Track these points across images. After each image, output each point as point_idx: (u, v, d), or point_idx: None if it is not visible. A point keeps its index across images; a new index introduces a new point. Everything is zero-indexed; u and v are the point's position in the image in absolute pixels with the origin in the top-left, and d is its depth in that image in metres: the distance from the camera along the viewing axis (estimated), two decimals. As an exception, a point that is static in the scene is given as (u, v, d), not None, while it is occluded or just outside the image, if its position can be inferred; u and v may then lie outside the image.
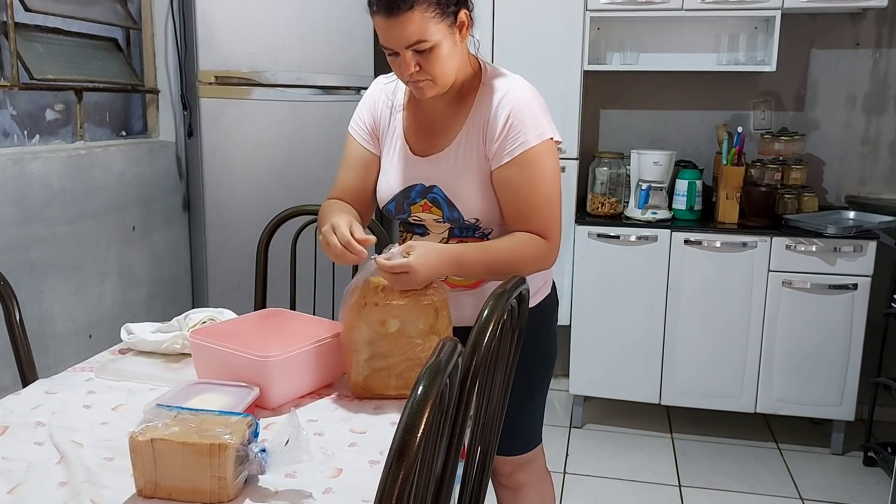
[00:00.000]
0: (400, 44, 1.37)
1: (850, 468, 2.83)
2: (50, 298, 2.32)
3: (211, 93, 2.82)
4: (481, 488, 1.30)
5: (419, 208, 1.54)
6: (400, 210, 1.57)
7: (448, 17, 1.38)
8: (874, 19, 3.07)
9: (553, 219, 1.48)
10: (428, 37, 1.36)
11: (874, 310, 2.80)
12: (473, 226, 1.52)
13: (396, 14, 1.33)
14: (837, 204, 3.18)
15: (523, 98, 1.47)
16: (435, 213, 1.53)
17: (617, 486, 2.69)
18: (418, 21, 1.34)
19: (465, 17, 1.42)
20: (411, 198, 1.54)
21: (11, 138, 2.36)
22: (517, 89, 1.48)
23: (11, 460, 1.12)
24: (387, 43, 1.39)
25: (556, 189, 1.49)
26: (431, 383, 0.80)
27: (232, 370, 1.32)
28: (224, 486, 1.01)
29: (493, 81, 1.50)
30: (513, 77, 1.52)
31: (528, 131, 1.44)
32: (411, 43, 1.36)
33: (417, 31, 1.35)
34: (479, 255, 1.46)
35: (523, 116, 1.45)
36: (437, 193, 1.51)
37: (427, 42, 1.36)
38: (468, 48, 1.50)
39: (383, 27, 1.37)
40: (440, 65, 1.40)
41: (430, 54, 1.38)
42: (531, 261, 1.48)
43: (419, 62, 1.39)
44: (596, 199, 3.06)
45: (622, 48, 3.13)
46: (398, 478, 0.72)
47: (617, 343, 2.99)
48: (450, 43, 1.40)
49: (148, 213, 2.82)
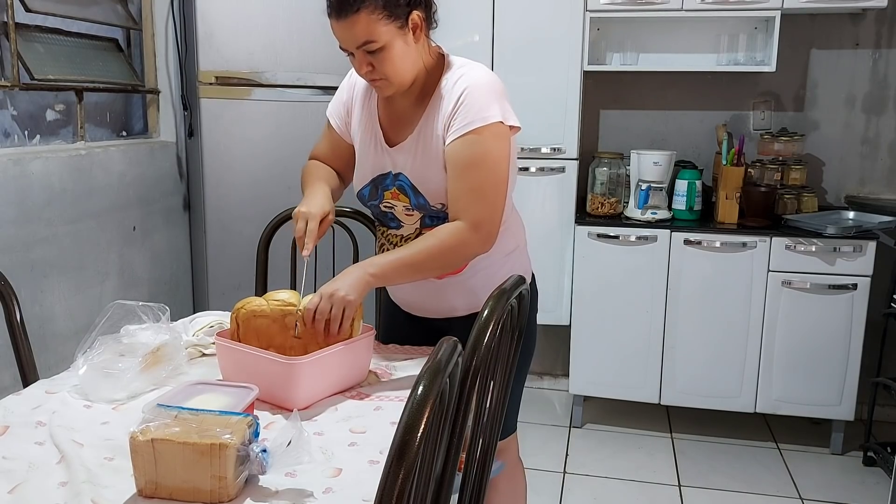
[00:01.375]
0: (350, 44, 1.43)
1: (849, 468, 2.83)
2: (50, 298, 2.32)
3: (211, 93, 2.83)
4: (481, 488, 1.30)
5: (390, 195, 1.58)
6: (373, 196, 1.61)
7: (397, 18, 1.42)
8: (874, 19, 3.07)
9: (485, 201, 1.47)
10: (376, 38, 1.41)
11: (874, 310, 2.80)
12: (442, 212, 1.54)
13: (345, 16, 1.40)
14: (837, 204, 3.18)
15: (478, 81, 1.48)
16: (402, 200, 1.56)
17: (617, 486, 2.69)
18: (365, 22, 1.39)
19: (418, 19, 1.45)
20: (384, 184, 1.59)
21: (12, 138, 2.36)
22: (474, 73, 1.50)
23: (12, 460, 1.12)
24: (341, 43, 1.45)
25: (496, 173, 1.48)
26: (431, 383, 0.80)
27: (258, 373, 1.34)
28: (224, 486, 1.01)
29: (453, 70, 1.52)
30: (474, 64, 1.54)
31: (477, 111, 1.45)
32: (360, 43, 1.42)
33: (365, 32, 1.40)
34: (392, 256, 1.48)
35: (475, 97, 1.46)
36: (402, 181, 1.55)
37: (375, 43, 1.41)
38: (428, 46, 1.53)
39: (335, 29, 1.43)
40: (391, 65, 1.44)
41: (381, 54, 1.43)
42: (453, 249, 1.47)
43: (372, 62, 1.44)
44: (596, 199, 3.07)
45: (622, 48, 3.13)
46: (398, 477, 0.73)
47: (617, 343, 2.99)
48: (401, 43, 1.44)
49: (148, 214, 2.82)
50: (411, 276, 1.52)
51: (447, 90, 1.50)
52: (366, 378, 1.47)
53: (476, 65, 1.54)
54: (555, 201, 3.04)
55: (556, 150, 3.00)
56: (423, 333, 1.62)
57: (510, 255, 1.64)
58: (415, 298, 1.68)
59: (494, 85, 1.50)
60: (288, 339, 1.42)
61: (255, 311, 1.42)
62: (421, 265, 1.48)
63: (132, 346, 1.45)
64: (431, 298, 1.64)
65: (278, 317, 1.42)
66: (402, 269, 1.47)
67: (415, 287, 1.64)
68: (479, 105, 1.45)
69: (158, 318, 1.49)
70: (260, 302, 1.43)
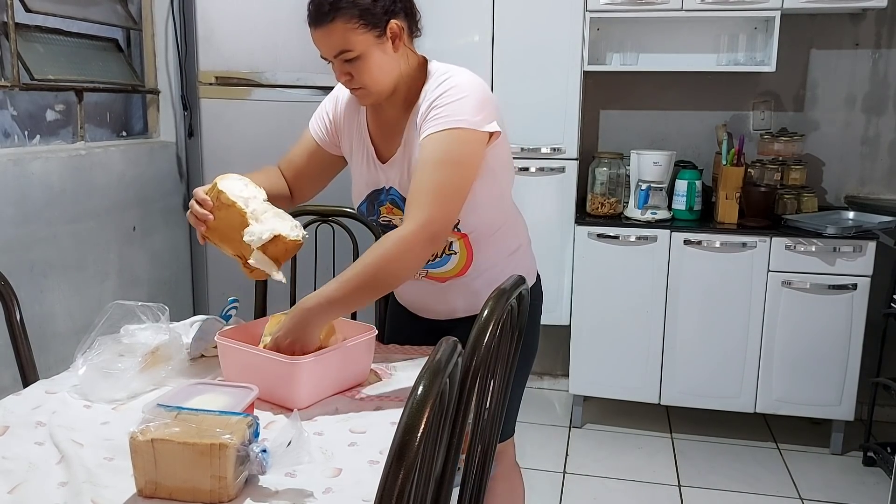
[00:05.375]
0: (328, 53, 1.43)
1: (849, 468, 2.83)
2: (50, 298, 2.32)
3: (211, 93, 2.83)
4: (481, 488, 1.30)
5: (385, 210, 1.57)
6: (371, 211, 1.61)
7: (375, 27, 1.40)
8: (874, 20, 3.07)
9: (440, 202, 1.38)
10: (351, 47, 1.40)
11: (874, 310, 2.80)
12: None
13: (321, 24, 1.40)
14: (837, 204, 3.18)
15: (458, 85, 1.44)
16: (397, 214, 1.55)
17: (616, 486, 2.69)
18: (341, 31, 1.39)
19: (397, 28, 1.43)
20: (380, 200, 1.58)
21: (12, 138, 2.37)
22: (456, 77, 1.46)
23: (12, 460, 1.12)
24: (320, 52, 1.44)
25: (460, 176, 1.41)
26: (431, 383, 0.80)
27: (260, 372, 1.34)
28: (224, 486, 1.01)
29: (435, 77, 1.49)
30: (458, 69, 1.50)
31: (449, 113, 1.41)
32: (336, 52, 1.41)
33: (340, 41, 1.40)
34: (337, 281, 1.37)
35: (449, 100, 1.42)
36: (394, 195, 1.54)
37: (351, 52, 1.40)
38: (410, 54, 1.50)
39: (313, 37, 1.43)
40: (369, 74, 1.43)
41: (358, 63, 1.41)
42: (396, 258, 1.37)
43: (349, 71, 1.43)
44: (596, 199, 3.07)
45: (622, 48, 3.13)
46: (398, 478, 0.73)
47: (617, 343, 2.99)
48: (378, 53, 1.42)
49: (148, 214, 2.82)
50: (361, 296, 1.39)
51: (427, 97, 1.47)
52: (366, 378, 1.47)
53: (459, 70, 1.49)
54: (555, 201, 3.04)
55: (556, 150, 3.00)
56: (427, 333, 1.62)
57: (513, 254, 1.64)
58: (418, 299, 1.68)
59: (474, 89, 1.44)
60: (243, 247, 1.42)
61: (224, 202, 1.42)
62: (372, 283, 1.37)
63: (132, 347, 1.45)
64: (435, 299, 1.64)
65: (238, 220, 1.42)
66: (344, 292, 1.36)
67: (418, 288, 1.64)
68: (452, 108, 1.41)
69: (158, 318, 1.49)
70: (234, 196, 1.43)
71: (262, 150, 2.90)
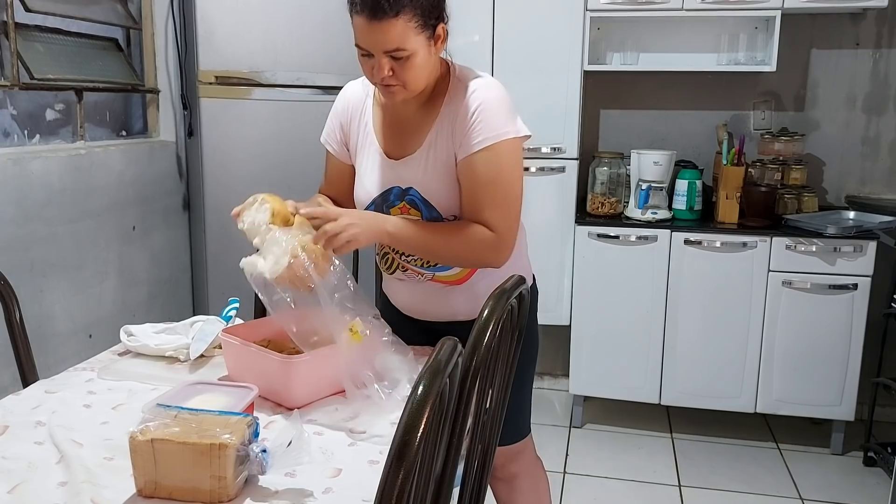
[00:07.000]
0: (378, 48, 1.39)
1: (849, 468, 2.83)
2: (50, 298, 2.32)
3: (211, 93, 2.83)
4: (481, 488, 1.30)
5: (398, 211, 1.56)
6: (380, 212, 1.59)
7: (427, 28, 1.40)
8: (874, 19, 3.07)
9: (507, 216, 1.48)
10: (407, 45, 1.38)
11: (874, 310, 2.80)
12: None
13: (380, 18, 1.35)
14: (837, 204, 3.18)
15: (492, 95, 1.48)
16: (413, 214, 1.54)
17: (616, 486, 2.69)
18: (401, 29, 1.36)
19: (442, 31, 1.45)
20: (390, 201, 1.56)
21: (12, 138, 2.36)
22: (487, 87, 1.49)
23: (11, 460, 1.12)
24: (364, 45, 1.41)
25: (514, 188, 1.50)
26: (431, 383, 0.80)
27: (258, 369, 1.34)
28: (224, 486, 1.01)
29: (463, 81, 1.51)
30: (484, 76, 1.53)
31: (493, 127, 1.45)
32: (390, 49, 1.38)
33: (398, 38, 1.37)
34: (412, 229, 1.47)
35: (491, 112, 1.46)
36: (413, 195, 1.53)
37: (405, 51, 1.39)
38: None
39: (364, 29, 1.38)
40: (413, 73, 1.42)
41: (405, 62, 1.40)
42: (475, 250, 1.48)
43: (393, 67, 1.41)
44: (596, 199, 3.07)
45: (622, 48, 3.13)
46: (398, 478, 0.72)
47: (617, 343, 2.99)
48: (425, 53, 1.42)
49: (148, 213, 2.82)
50: (420, 255, 1.54)
51: (459, 103, 1.48)
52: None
53: (486, 77, 1.53)
54: (555, 201, 3.03)
55: (557, 150, 3.00)
56: (423, 336, 1.62)
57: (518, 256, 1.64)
58: (416, 302, 1.67)
59: (505, 98, 1.50)
60: None
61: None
62: (436, 251, 1.50)
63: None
64: (434, 302, 1.64)
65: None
66: (416, 244, 1.49)
67: (416, 291, 1.64)
68: (494, 121, 1.45)
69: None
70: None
71: (262, 150, 2.91)
